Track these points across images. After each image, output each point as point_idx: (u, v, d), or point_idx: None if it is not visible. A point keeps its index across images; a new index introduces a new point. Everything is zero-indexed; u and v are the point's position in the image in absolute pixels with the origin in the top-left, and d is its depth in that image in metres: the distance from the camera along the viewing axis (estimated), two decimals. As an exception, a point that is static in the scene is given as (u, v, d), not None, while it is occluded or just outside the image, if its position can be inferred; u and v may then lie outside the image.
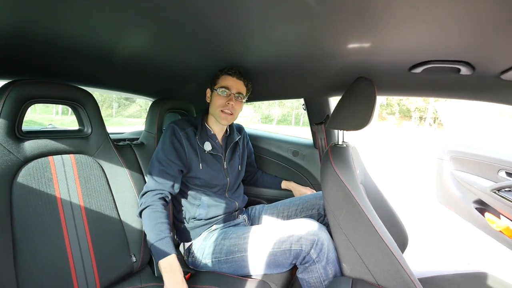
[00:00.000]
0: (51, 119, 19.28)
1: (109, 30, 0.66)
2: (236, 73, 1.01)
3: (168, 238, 0.86)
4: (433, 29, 0.56)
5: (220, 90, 1.02)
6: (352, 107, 0.85)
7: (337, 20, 0.56)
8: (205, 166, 1.04)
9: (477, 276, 0.92)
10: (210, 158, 1.07)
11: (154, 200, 0.91)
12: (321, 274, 0.84)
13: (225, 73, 1.02)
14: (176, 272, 0.81)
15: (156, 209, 0.90)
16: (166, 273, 0.81)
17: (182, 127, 1.04)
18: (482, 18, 0.49)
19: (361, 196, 0.80)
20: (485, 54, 0.66)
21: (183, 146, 1.01)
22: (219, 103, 1.03)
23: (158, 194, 0.93)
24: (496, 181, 1.24)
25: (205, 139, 1.07)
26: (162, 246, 0.84)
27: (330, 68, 0.92)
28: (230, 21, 0.60)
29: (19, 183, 0.74)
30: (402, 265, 0.71)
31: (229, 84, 1.02)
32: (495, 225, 1.25)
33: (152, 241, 0.85)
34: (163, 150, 1.00)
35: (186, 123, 1.07)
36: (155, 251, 0.85)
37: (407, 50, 0.70)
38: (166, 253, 0.83)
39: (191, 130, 1.06)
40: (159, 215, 0.89)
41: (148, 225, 0.88)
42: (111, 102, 27.13)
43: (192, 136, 1.05)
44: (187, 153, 1.02)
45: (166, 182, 0.96)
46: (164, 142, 1.01)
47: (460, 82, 0.88)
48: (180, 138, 1.02)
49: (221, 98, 1.02)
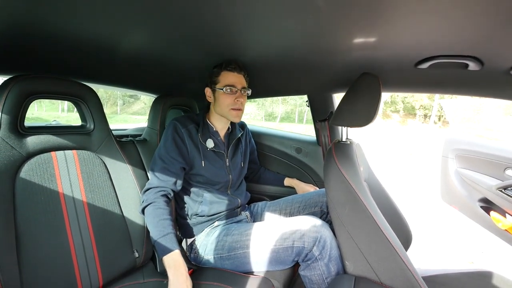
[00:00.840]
0: (57, 116, 19.46)
1: (112, 25, 0.65)
2: (236, 68, 0.99)
3: (172, 234, 0.86)
4: (440, 23, 0.54)
5: (226, 88, 1.00)
6: (357, 103, 0.84)
7: (342, 14, 0.55)
8: (208, 163, 1.04)
9: (482, 275, 0.91)
10: (212, 155, 1.06)
11: (157, 197, 0.92)
12: (323, 271, 0.84)
13: (225, 69, 0.99)
14: (181, 267, 0.82)
15: (159, 206, 0.90)
16: (171, 269, 0.81)
17: (184, 124, 1.03)
18: (492, 11, 0.47)
19: (365, 193, 0.79)
20: (494, 49, 0.64)
21: (185, 143, 1.01)
22: (228, 102, 1.01)
23: (160, 191, 0.93)
24: (502, 180, 1.22)
25: (208, 136, 1.07)
26: (166, 242, 0.84)
27: (335, 64, 0.91)
28: (232, 16, 0.59)
29: (22, 178, 0.74)
30: (405, 263, 0.70)
31: (233, 81, 1.00)
32: (500, 224, 1.23)
33: (156, 237, 0.86)
34: (165, 147, 0.99)
35: (188, 120, 1.06)
36: (159, 247, 0.85)
37: (414, 44, 0.68)
38: (170, 249, 0.83)
39: (193, 127, 1.05)
40: (162, 212, 0.89)
41: (151, 221, 0.88)
42: (116, 99, 27.26)
43: (194, 133, 1.04)
44: (189, 150, 1.01)
45: (168, 179, 0.96)
46: (166, 139, 1.01)
47: (468, 78, 0.86)
48: (182, 135, 1.01)
49: (228, 97, 1.01)
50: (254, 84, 1.13)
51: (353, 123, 0.84)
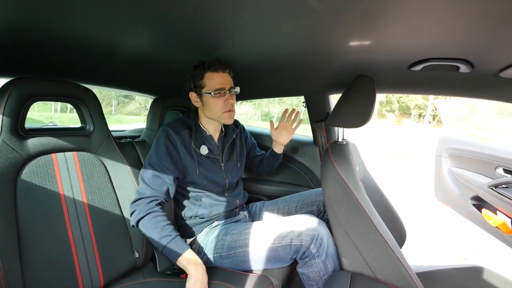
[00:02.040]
0: (50, 116, 19.19)
1: (109, 27, 0.66)
2: (220, 67, 0.95)
3: (178, 236, 0.86)
4: (432, 27, 0.57)
5: (214, 92, 0.96)
6: (352, 104, 0.86)
7: (338, 18, 0.57)
8: (203, 170, 1.01)
9: (473, 270, 0.94)
10: (207, 161, 1.04)
11: (151, 207, 0.88)
12: (320, 268, 0.86)
13: (208, 70, 0.95)
14: (199, 261, 0.84)
15: (157, 214, 0.87)
16: (191, 265, 0.82)
17: (176, 131, 0.99)
18: (480, 16, 0.50)
19: (361, 192, 0.82)
20: (483, 52, 0.67)
21: (178, 151, 0.97)
22: (220, 106, 0.98)
23: (154, 200, 0.90)
24: (493, 178, 1.26)
25: (201, 142, 1.03)
26: (176, 245, 0.84)
27: (331, 66, 0.93)
28: (231, 18, 0.61)
29: (23, 180, 0.74)
30: (400, 259, 0.73)
31: (220, 83, 0.96)
32: (492, 221, 1.27)
33: (165, 243, 0.83)
34: (157, 155, 0.95)
35: (180, 125, 1.02)
36: (170, 252, 0.83)
37: (407, 48, 0.71)
38: (183, 250, 0.84)
39: (186, 133, 1.01)
40: (163, 218, 0.87)
41: (153, 230, 0.85)
42: (110, 99, 27.02)
43: (188, 140, 1.00)
44: (182, 158, 0.98)
45: (161, 189, 0.92)
46: (158, 147, 0.96)
47: (459, 79, 0.88)
48: (175, 142, 0.97)
49: (219, 100, 0.97)
50: (252, 85, 1.15)
51: (349, 124, 0.87)
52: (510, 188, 1.15)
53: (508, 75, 0.75)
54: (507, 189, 1.16)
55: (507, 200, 1.12)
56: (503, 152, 1.24)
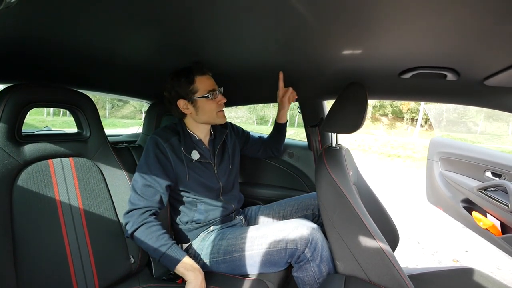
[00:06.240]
0: (43, 120, 18.90)
1: (107, 33, 0.67)
2: (206, 70, 0.98)
3: (175, 244, 0.87)
4: (420, 38, 0.60)
5: (210, 94, 0.98)
6: (345, 111, 0.89)
7: (330, 29, 0.59)
8: (195, 175, 1.01)
9: (464, 272, 0.96)
10: (199, 166, 1.03)
11: (146, 217, 0.88)
12: (315, 272, 0.87)
13: (197, 74, 0.96)
14: (197, 267, 0.84)
15: (152, 224, 0.87)
16: (189, 272, 0.82)
17: (165, 138, 0.98)
18: (464, 29, 0.53)
19: (354, 196, 0.84)
20: (468, 62, 0.71)
21: (168, 159, 0.97)
22: (214, 107, 1.00)
23: (147, 211, 0.89)
24: (482, 181, 1.29)
25: (191, 148, 1.02)
26: (174, 253, 0.84)
27: (324, 74, 0.96)
28: (226, 28, 0.63)
29: (19, 186, 0.75)
30: (392, 262, 0.75)
31: (212, 84, 1.00)
32: (482, 223, 1.30)
33: (163, 251, 0.84)
34: (147, 165, 0.94)
35: (168, 132, 1.01)
36: (168, 260, 0.84)
37: (397, 56, 0.74)
38: (180, 258, 0.84)
39: (176, 139, 1.00)
40: (157, 228, 0.87)
41: (149, 240, 0.85)
42: (104, 103, 26.77)
43: (177, 146, 0.99)
44: (173, 165, 0.97)
45: (153, 199, 0.91)
46: (147, 156, 0.95)
47: (447, 87, 0.92)
48: (164, 150, 0.96)
49: (213, 102, 1.00)
50: (247, 91, 1.17)
51: (342, 130, 0.89)
52: (498, 191, 1.19)
53: (492, 83, 0.79)
54: (495, 192, 1.19)
55: (495, 202, 1.16)
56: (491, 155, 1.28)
